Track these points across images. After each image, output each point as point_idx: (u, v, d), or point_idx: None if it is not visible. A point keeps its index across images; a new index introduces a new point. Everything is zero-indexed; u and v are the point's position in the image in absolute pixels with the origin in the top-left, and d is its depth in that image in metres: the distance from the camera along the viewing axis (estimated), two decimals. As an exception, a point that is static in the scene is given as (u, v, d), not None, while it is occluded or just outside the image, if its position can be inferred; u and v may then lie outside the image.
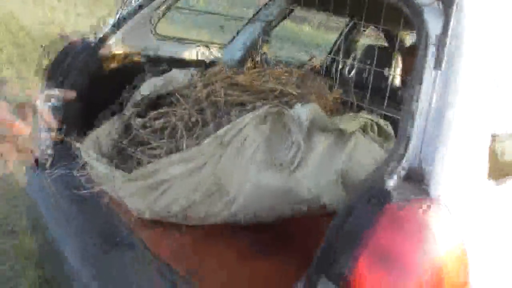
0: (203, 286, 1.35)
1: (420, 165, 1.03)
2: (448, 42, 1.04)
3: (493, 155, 1.15)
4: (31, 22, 6.90)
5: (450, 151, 1.03)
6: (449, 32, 1.04)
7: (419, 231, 0.92)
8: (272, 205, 1.47)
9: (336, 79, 2.17)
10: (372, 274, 0.91)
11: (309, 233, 1.39)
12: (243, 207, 1.50)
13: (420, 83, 1.07)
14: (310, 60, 2.41)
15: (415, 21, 1.17)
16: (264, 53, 2.70)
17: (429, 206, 0.95)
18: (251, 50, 2.72)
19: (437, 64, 1.03)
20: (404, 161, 1.02)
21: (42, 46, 2.07)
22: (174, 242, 1.53)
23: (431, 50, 1.07)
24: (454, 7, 1.06)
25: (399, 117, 1.10)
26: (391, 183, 0.99)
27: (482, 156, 1.10)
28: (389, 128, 1.74)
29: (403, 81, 2.60)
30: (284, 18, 2.75)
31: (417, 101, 1.06)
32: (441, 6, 1.09)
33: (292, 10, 2.73)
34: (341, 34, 3.07)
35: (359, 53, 3.03)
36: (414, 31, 1.28)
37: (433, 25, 1.10)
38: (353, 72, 2.37)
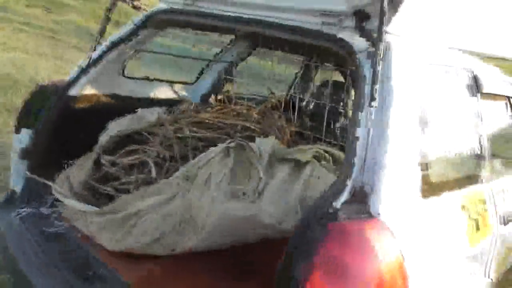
0: None
1: (363, 188, 1.19)
2: (378, 83, 1.23)
3: (424, 177, 1.34)
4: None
5: (387, 175, 1.20)
6: (379, 74, 1.23)
7: (361, 245, 1.07)
8: (238, 231, 1.59)
9: (294, 113, 2.36)
10: (322, 284, 1.04)
11: (273, 256, 1.52)
12: (211, 235, 1.61)
13: (358, 118, 1.25)
14: (269, 96, 2.59)
15: (351, 64, 1.37)
16: (227, 91, 2.87)
17: (369, 223, 1.11)
18: (215, 88, 2.88)
19: (371, 101, 1.21)
20: (348, 184, 1.18)
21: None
22: (146, 271, 1.61)
23: (366, 89, 1.26)
24: (383, 53, 1.27)
25: None
26: (337, 204, 1.14)
27: (415, 178, 1.29)
28: (343, 157, 1.92)
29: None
30: (245, 58, 2.95)
31: (356, 133, 1.23)
32: (373, 52, 1.30)
33: (252, 51, 2.93)
34: (298, 71, 3.31)
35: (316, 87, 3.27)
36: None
37: (367, 68, 1.30)
38: (311, 106, 2.57)
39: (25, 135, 2.02)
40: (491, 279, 1.82)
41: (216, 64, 2.90)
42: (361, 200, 1.17)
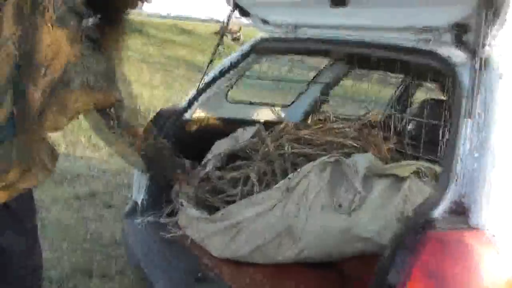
0: None
1: (462, 200, 1.18)
2: (477, 95, 1.22)
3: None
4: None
5: (487, 187, 1.18)
6: (479, 87, 1.23)
7: (460, 255, 1.07)
8: (334, 244, 1.64)
9: (391, 131, 2.36)
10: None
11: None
12: (308, 246, 1.68)
13: (457, 130, 1.25)
14: (365, 115, 2.62)
15: (449, 78, 1.38)
16: (326, 111, 2.96)
17: (469, 233, 1.10)
18: (312, 109, 2.99)
19: (468, 114, 1.21)
20: (446, 196, 1.18)
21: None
22: (247, 277, 1.74)
23: (464, 102, 1.26)
24: (483, 65, 1.26)
25: None
26: (435, 214, 1.15)
27: None
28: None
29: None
30: (341, 79, 3.03)
31: (455, 145, 1.24)
32: (472, 64, 1.30)
33: (348, 72, 3.00)
34: (396, 90, 3.29)
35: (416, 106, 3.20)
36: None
37: (465, 81, 1.30)
38: (409, 125, 2.54)
39: None
40: None
41: (312, 87, 3.03)
42: (461, 212, 1.16)
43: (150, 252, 1.97)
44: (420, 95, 3.24)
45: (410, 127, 2.59)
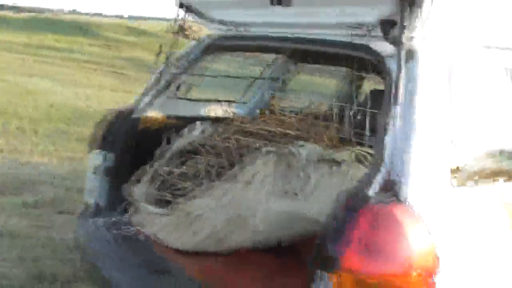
0: None
1: (392, 177, 1.30)
2: (402, 84, 1.35)
3: (456, 168, 1.42)
4: (60, 100, 7.54)
5: (414, 165, 1.31)
6: (403, 76, 1.35)
7: (390, 227, 1.18)
8: (282, 227, 1.73)
9: (335, 121, 2.49)
10: (356, 261, 1.16)
11: None
12: (261, 233, 1.77)
13: (387, 114, 1.37)
14: (309, 106, 2.75)
15: (380, 69, 1.50)
16: (272, 104, 3.05)
17: (397, 207, 1.22)
18: (262, 104, 3.08)
19: (395, 101, 1.34)
20: (378, 174, 1.30)
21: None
22: (206, 265, 1.80)
23: (393, 89, 1.39)
24: (408, 57, 1.39)
25: None
26: (368, 192, 1.26)
27: (444, 169, 1.37)
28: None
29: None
30: (290, 74, 3.14)
31: (385, 127, 1.35)
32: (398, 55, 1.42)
33: (295, 67, 3.12)
34: (342, 82, 3.44)
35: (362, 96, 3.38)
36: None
37: (393, 71, 1.42)
38: (351, 113, 2.68)
39: (105, 155, 2.31)
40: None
41: (261, 82, 3.12)
42: (391, 188, 1.28)
43: (106, 251, 1.98)
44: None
45: (353, 116, 2.73)
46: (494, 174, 1.62)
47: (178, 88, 2.65)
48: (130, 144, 2.33)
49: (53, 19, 21.50)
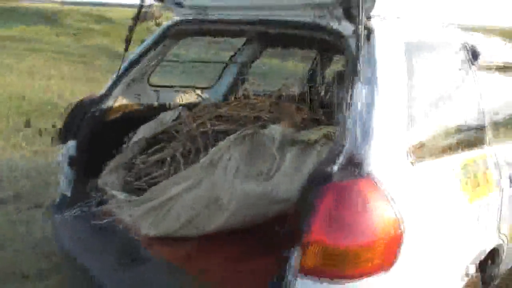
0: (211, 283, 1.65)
1: (355, 153, 1.37)
2: (362, 62, 1.41)
3: (414, 142, 1.50)
4: (30, 92, 7.35)
5: (376, 141, 1.38)
6: (361, 53, 1.41)
7: (353, 201, 1.26)
8: (257, 207, 1.80)
9: (304, 102, 2.55)
10: (323, 233, 1.23)
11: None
12: (234, 214, 1.82)
13: (348, 92, 1.43)
14: (279, 90, 2.80)
15: (342, 48, 1.56)
16: (245, 89, 3.09)
17: (359, 181, 1.29)
18: (232, 89, 3.11)
19: (355, 76, 1.40)
20: (342, 151, 1.36)
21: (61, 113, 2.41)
22: (182, 250, 1.84)
23: (352, 67, 1.45)
24: (366, 35, 1.45)
25: None
26: (332, 168, 1.32)
27: (404, 144, 1.45)
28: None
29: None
30: (257, 57, 3.17)
31: (347, 105, 1.41)
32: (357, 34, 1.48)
33: (263, 50, 3.15)
34: (311, 65, 3.50)
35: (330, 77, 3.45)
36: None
37: (353, 49, 1.48)
38: (320, 94, 2.75)
39: (71, 145, 2.30)
40: (505, 235, 1.93)
41: (231, 67, 3.14)
42: (354, 164, 1.34)
43: (84, 242, 2.00)
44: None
45: (321, 96, 2.80)
46: (449, 149, 1.71)
47: (149, 75, 2.65)
48: (97, 134, 2.31)
49: (18, 8, 20.72)
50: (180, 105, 2.64)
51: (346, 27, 1.62)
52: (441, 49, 1.87)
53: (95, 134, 2.32)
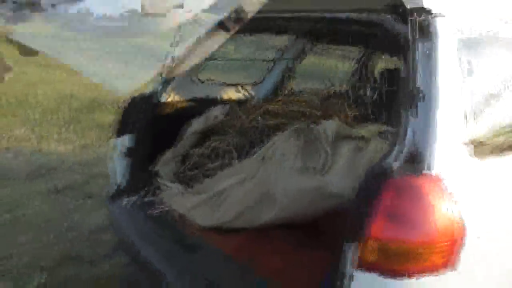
0: (259, 271, 1.69)
1: (416, 150, 1.36)
2: (423, 65, 1.40)
3: (479, 139, 1.47)
4: (77, 90, 7.63)
5: (436, 137, 1.36)
6: (420, 50, 1.41)
7: (415, 197, 1.26)
8: (309, 202, 1.81)
9: (355, 100, 2.54)
10: (385, 231, 1.24)
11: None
12: (286, 208, 1.85)
13: (408, 88, 1.42)
14: (329, 87, 2.80)
15: (397, 46, 1.55)
16: (291, 87, 3.11)
17: (421, 178, 1.28)
18: (279, 86, 3.14)
19: (414, 76, 1.39)
20: (402, 148, 1.36)
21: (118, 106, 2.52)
22: (234, 240, 1.89)
23: (412, 63, 1.44)
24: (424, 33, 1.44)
25: None
26: (393, 165, 1.32)
27: (464, 140, 1.43)
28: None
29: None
30: (305, 55, 3.18)
31: (406, 101, 1.41)
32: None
33: (310, 48, 3.15)
34: (357, 62, 3.47)
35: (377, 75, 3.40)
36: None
37: (409, 48, 1.47)
38: (368, 92, 2.73)
39: (127, 138, 2.40)
40: None
41: (278, 65, 3.17)
42: (415, 161, 1.34)
43: (140, 230, 2.09)
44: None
45: (372, 95, 2.78)
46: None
47: (198, 71, 2.72)
48: (152, 127, 2.40)
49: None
50: (230, 100, 2.70)
51: (401, 25, 1.61)
52: (500, 44, 1.82)
53: (151, 127, 2.41)
